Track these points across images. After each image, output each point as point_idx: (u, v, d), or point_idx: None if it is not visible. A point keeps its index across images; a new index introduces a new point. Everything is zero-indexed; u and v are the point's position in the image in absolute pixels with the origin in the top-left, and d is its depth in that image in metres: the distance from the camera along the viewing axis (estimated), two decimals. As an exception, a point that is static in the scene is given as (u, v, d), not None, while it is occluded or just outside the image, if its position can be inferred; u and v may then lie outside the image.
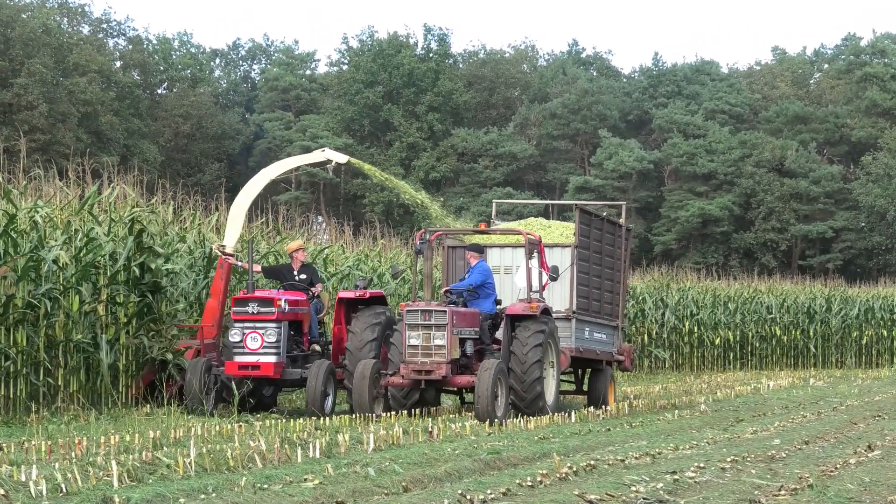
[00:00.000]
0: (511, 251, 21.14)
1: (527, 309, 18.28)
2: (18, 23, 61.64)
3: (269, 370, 18.31)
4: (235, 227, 19.89)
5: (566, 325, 20.33)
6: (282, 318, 18.50)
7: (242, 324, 18.44)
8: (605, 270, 22.00)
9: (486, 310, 18.88)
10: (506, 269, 21.18)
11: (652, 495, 10.06)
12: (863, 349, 43.44)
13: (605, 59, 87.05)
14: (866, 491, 10.64)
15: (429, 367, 17.73)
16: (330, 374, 18.36)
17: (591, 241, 21.35)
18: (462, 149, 74.37)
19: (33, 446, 12.21)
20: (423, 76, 75.41)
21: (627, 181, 73.81)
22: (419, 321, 17.72)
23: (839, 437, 15.79)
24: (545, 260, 19.17)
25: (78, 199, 20.36)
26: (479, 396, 17.14)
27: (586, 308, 21.11)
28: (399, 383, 18.06)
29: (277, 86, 78.67)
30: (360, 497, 9.85)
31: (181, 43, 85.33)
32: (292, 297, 19.00)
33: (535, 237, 19.19)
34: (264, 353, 18.36)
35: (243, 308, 18.49)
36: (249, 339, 18.33)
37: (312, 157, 21.07)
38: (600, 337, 21.73)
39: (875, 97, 75.32)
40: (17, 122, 56.95)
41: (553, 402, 18.84)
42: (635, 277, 41.89)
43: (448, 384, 18.16)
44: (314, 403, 17.83)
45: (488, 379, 17.11)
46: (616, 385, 22.60)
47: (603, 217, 22.34)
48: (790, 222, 71.22)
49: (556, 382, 19.04)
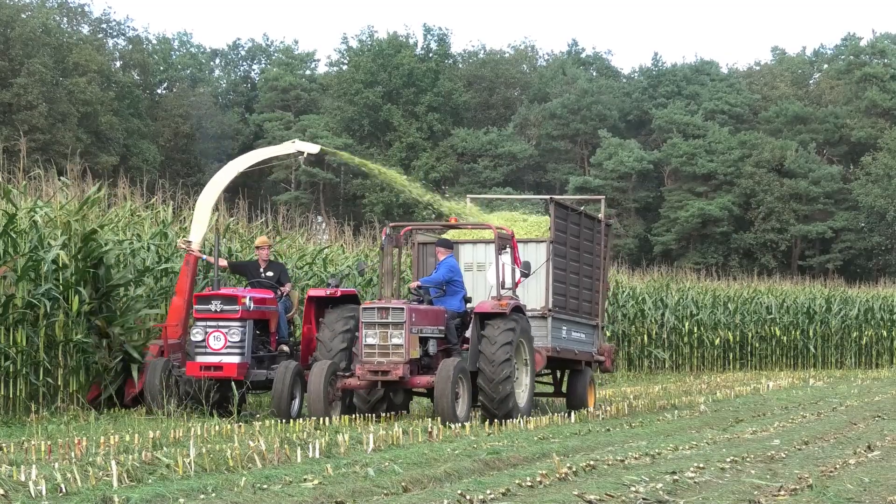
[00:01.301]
0: (484, 247, 20.22)
1: (496, 307, 17.50)
2: (18, 23, 61.64)
3: (231, 371, 17.52)
4: (202, 222, 19.05)
5: (542, 324, 19.57)
6: (246, 317, 17.73)
7: (205, 322, 17.68)
8: (584, 267, 21.18)
9: (454, 308, 18.16)
10: (479, 266, 20.29)
11: (651, 495, 10.06)
12: (862, 349, 43.42)
13: (605, 60, 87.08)
14: (866, 491, 10.64)
15: (385, 367, 16.94)
16: (297, 375, 17.51)
17: (568, 236, 20.52)
18: (462, 149, 74.39)
19: (33, 446, 12.21)
20: (423, 76, 75.42)
21: (627, 181, 73.83)
22: (376, 319, 16.96)
23: (839, 437, 15.79)
24: (518, 255, 18.43)
25: (78, 199, 20.31)
26: (438, 396, 16.61)
27: (563, 306, 20.28)
28: (354, 385, 17.34)
29: (277, 86, 78.68)
30: (360, 497, 9.85)
31: (181, 43, 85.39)
32: (258, 295, 18.25)
33: (506, 231, 18.48)
34: (227, 353, 17.57)
35: (205, 306, 17.74)
36: (212, 338, 17.60)
37: (282, 149, 20.13)
38: (579, 336, 20.91)
39: (875, 97, 75.33)
40: (17, 122, 56.96)
41: (526, 404, 18.09)
42: (635, 278, 41.90)
43: (406, 385, 17.39)
44: (279, 406, 17.05)
45: (448, 378, 16.52)
46: (595, 386, 21.86)
47: (580, 211, 21.47)
48: (790, 222, 71.23)
49: (529, 384, 18.27)
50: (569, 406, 20.43)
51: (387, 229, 18.08)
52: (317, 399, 16.82)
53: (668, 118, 76.06)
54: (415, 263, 20.73)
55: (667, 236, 72.73)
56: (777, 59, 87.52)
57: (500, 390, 17.16)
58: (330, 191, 74.97)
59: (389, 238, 17.97)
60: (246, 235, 25.04)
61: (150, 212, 23.11)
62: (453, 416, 16.45)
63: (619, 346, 36.15)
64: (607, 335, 34.46)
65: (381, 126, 75.14)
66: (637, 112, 79.82)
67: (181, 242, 19.27)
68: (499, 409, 17.17)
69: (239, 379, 17.61)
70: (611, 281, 37.65)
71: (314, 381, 16.93)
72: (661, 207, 74.23)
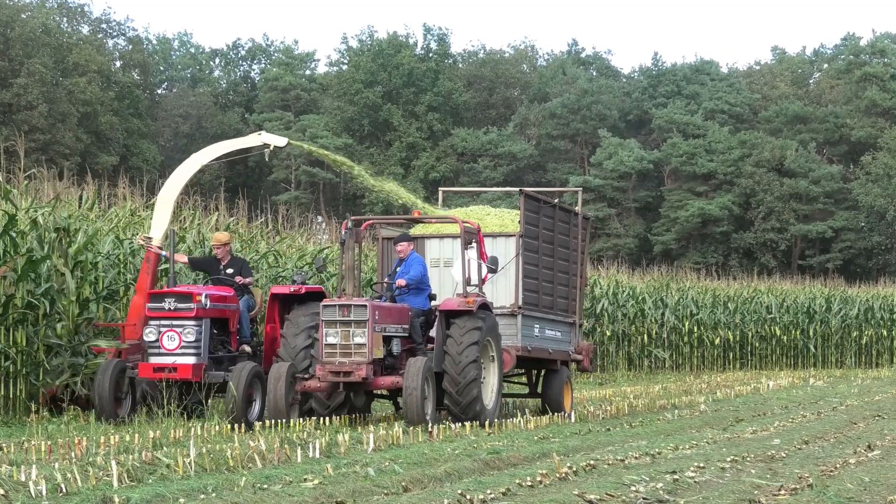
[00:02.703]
0: (451, 242, 19.13)
1: (462, 304, 16.69)
2: (18, 23, 61.65)
3: (186, 372, 16.50)
4: (163, 217, 18.11)
5: (511, 322, 18.59)
6: (202, 316, 16.74)
7: (158, 322, 16.69)
8: (559, 262, 20.13)
9: (418, 305, 17.31)
10: (446, 262, 19.27)
11: (652, 495, 10.06)
12: (862, 349, 43.43)
13: (605, 59, 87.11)
14: (866, 491, 10.64)
15: (347, 367, 16.03)
16: (255, 377, 16.51)
17: (540, 229, 19.47)
18: (462, 149, 74.39)
19: (33, 446, 12.21)
20: (423, 76, 75.43)
21: (627, 181, 73.83)
22: (337, 317, 16.06)
23: (839, 436, 15.78)
24: (484, 250, 17.56)
25: (78, 199, 20.30)
26: (406, 398, 15.79)
27: (535, 303, 19.24)
28: (315, 387, 16.47)
29: (277, 86, 78.68)
30: (360, 497, 9.84)
31: (181, 43, 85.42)
32: (216, 293, 17.30)
33: (472, 225, 17.60)
34: (182, 353, 16.58)
35: (159, 304, 16.75)
36: (165, 338, 16.62)
37: (248, 142, 19.09)
38: (553, 334, 19.89)
39: (874, 97, 75.34)
40: (16, 122, 56.96)
41: (494, 406, 17.24)
42: (635, 277, 41.91)
43: (370, 386, 16.50)
44: (235, 410, 15.94)
45: (416, 379, 15.74)
46: (572, 387, 20.81)
47: (554, 204, 20.19)
48: (790, 222, 71.24)
49: (497, 385, 17.38)
50: (544, 408, 19.71)
51: (347, 223, 17.05)
52: (277, 402, 15.94)
53: (668, 118, 76.07)
54: (380, 259, 19.79)
55: (667, 236, 72.74)
56: (777, 58, 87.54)
57: (467, 393, 16.40)
58: (330, 191, 74.97)
59: (350, 232, 16.91)
60: (246, 235, 25.04)
61: (150, 212, 23.09)
62: (422, 418, 15.66)
63: (619, 346, 36.15)
64: (586, 333, 34.50)
65: (381, 126, 75.14)
66: (637, 112, 79.83)
67: (141, 238, 18.37)
68: (465, 412, 16.43)
69: (195, 381, 16.70)
70: (610, 280, 37.87)
71: (273, 383, 16.04)
72: (661, 207, 74.24)
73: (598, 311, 35.34)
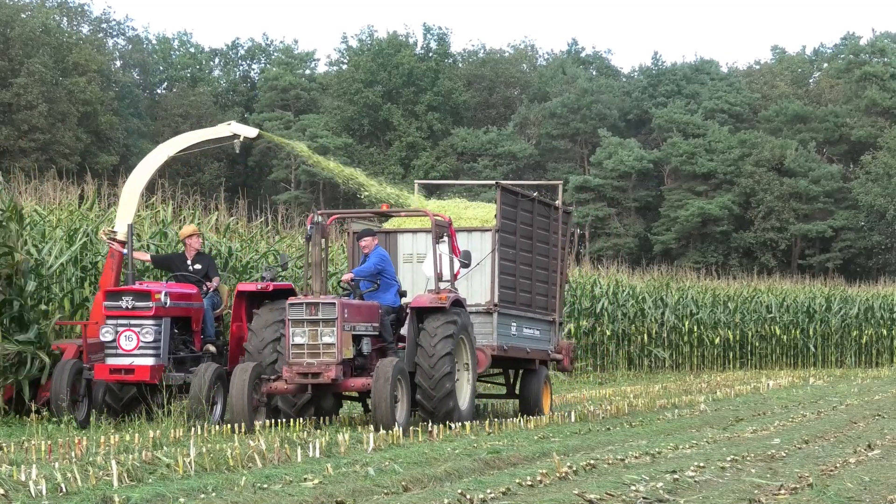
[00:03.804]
0: (425, 236, 18.25)
1: (435, 301, 16.05)
2: (18, 22, 61.64)
3: (144, 374, 15.87)
4: (128, 211, 17.46)
5: (487, 320, 17.92)
6: (162, 314, 16.12)
7: (115, 320, 16.04)
8: (538, 258, 19.38)
9: (388, 303, 16.61)
10: (419, 257, 18.51)
11: (652, 495, 10.05)
12: (862, 348, 43.43)
13: (605, 59, 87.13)
14: (866, 490, 10.63)
15: (316, 368, 15.33)
16: (218, 378, 15.86)
17: (518, 224, 18.73)
18: (462, 148, 74.38)
19: (33, 446, 12.21)
20: (423, 76, 75.42)
21: (627, 180, 73.84)
22: (304, 316, 15.33)
23: (839, 436, 15.78)
24: (457, 244, 16.85)
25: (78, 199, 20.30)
26: (376, 400, 15.06)
27: (512, 300, 18.53)
28: (282, 389, 15.75)
29: (277, 85, 78.67)
30: (360, 497, 9.84)
31: (181, 42, 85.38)
32: (177, 290, 16.64)
33: (444, 218, 16.92)
34: (140, 354, 15.95)
35: (116, 302, 16.08)
36: (123, 338, 15.96)
37: (217, 132, 18.43)
38: (531, 333, 19.18)
39: (874, 96, 75.33)
40: (16, 122, 56.98)
41: (468, 407, 16.68)
42: (635, 277, 41.90)
43: (339, 388, 15.83)
44: (197, 413, 15.30)
45: (387, 380, 15.02)
46: (551, 387, 20.18)
47: (532, 197, 19.40)
48: (790, 221, 71.24)
49: (471, 385, 16.76)
50: (522, 409, 18.98)
51: (313, 216, 16.18)
52: (239, 405, 15.23)
53: (667, 117, 76.06)
54: (350, 255, 19.02)
55: (667, 235, 72.74)
56: (777, 58, 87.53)
57: (441, 387, 15.82)
58: (330, 190, 74.90)
59: (316, 226, 16.02)
60: (246, 235, 25.03)
61: (150, 211, 23.11)
62: (392, 422, 14.93)
63: (619, 346, 36.15)
64: (586, 332, 34.46)
65: (381, 125, 75.13)
66: (637, 111, 79.83)
67: (104, 232, 17.61)
68: (438, 407, 15.88)
69: (153, 383, 16.05)
70: (610, 280, 37.87)
71: (236, 385, 15.32)
72: (661, 206, 74.24)
73: (598, 311, 35.35)
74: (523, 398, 19.26)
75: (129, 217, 17.37)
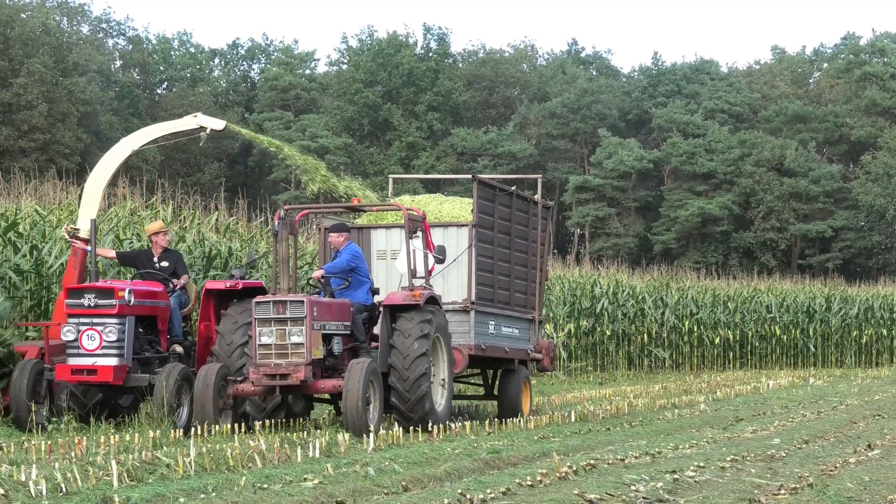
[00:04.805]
0: (399, 232, 17.60)
1: (408, 298, 15.46)
2: (18, 22, 61.62)
3: (107, 375, 15.23)
4: (91, 206, 16.85)
5: (464, 319, 17.32)
6: (126, 313, 15.46)
7: (77, 319, 15.39)
8: (516, 254, 18.79)
9: (360, 300, 16.02)
10: (393, 254, 17.93)
11: (652, 495, 10.06)
12: (862, 348, 43.40)
13: (605, 59, 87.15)
14: (866, 490, 10.63)
15: (284, 369, 14.72)
16: (184, 380, 15.27)
17: (496, 219, 18.14)
18: (462, 148, 74.37)
19: (33, 446, 12.21)
20: (423, 76, 75.42)
21: (627, 180, 73.84)
22: (272, 315, 14.75)
23: (839, 436, 15.78)
24: (431, 239, 16.28)
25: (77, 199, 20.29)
26: (347, 403, 14.44)
27: (490, 298, 17.93)
28: (249, 392, 15.12)
29: (277, 85, 78.68)
30: (360, 497, 9.84)
31: (181, 43, 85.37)
32: (142, 288, 16.00)
33: (417, 213, 16.30)
34: (103, 354, 15.31)
35: (77, 300, 15.44)
36: (85, 337, 15.33)
37: (182, 124, 17.81)
38: (510, 332, 18.60)
39: (874, 96, 75.33)
40: (16, 122, 56.96)
41: (444, 409, 16.04)
42: (635, 277, 41.90)
43: (309, 390, 15.21)
44: (161, 416, 14.73)
45: (358, 381, 14.41)
46: (531, 388, 19.53)
47: (511, 192, 18.72)
48: (790, 221, 71.24)
49: (448, 387, 16.18)
50: (500, 411, 18.32)
51: (280, 212, 15.64)
52: (205, 407, 14.67)
53: (667, 117, 76.06)
54: (321, 251, 18.42)
55: (667, 235, 72.74)
56: (777, 58, 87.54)
57: (414, 390, 15.21)
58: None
59: (284, 222, 15.49)
60: (246, 235, 25.03)
61: (150, 211, 23.12)
62: (364, 425, 14.34)
63: (619, 346, 36.15)
64: (586, 332, 34.43)
65: (381, 125, 75.13)
66: (637, 111, 79.84)
67: (67, 230, 17.04)
68: (414, 410, 15.27)
69: (116, 384, 15.47)
70: (610, 280, 37.85)
71: (201, 387, 14.76)
72: (661, 206, 74.24)
73: (598, 311, 35.34)
74: (502, 399, 18.57)
75: (92, 213, 16.77)
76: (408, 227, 15.98)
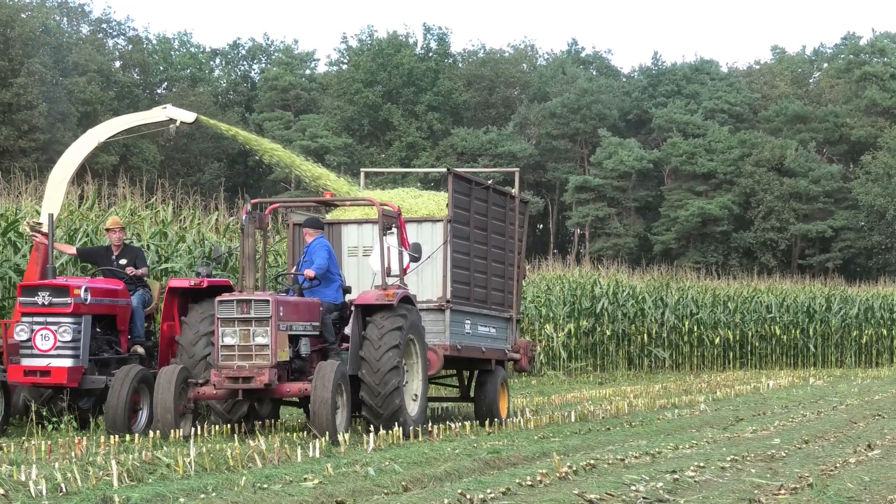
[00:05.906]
0: (371, 228, 16.87)
1: (381, 298, 14.67)
2: (18, 22, 61.59)
3: (61, 376, 14.63)
4: (54, 201, 16.34)
5: (439, 318, 16.64)
6: (82, 312, 14.89)
7: (31, 318, 14.82)
8: (493, 251, 18.05)
9: (330, 299, 15.36)
10: (366, 251, 17.23)
11: (652, 495, 10.06)
12: (862, 348, 43.43)
13: (605, 59, 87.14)
14: (866, 490, 10.63)
15: (248, 372, 13.96)
16: (142, 382, 14.61)
17: (472, 214, 17.41)
18: (462, 148, 74.36)
19: (33, 446, 12.21)
20: (423, 76, 75.42)
21: (627, 180, 73.84)
22: (235, 315, 13.99)
23: (839, 436, 15.78)
24: (406, 236, 15.58)
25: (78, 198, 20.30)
26: (315, 408, 13.75)
27: (466, 296, 17.22)
28: (210, 395, 14.32)
29: (277, 85, 78.68)
30: (360, 497, 9.84)
31: (181, 43, 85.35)
32: (100, 286, 15.43)
33: (392, 208, 15.55)
34: (57, 355, 14.74)
35: (31, 298, 14.84)
36: (39, 337, 14.77)
37: (151, 116, 17.22)
38: (487, 331, 17.92)
39: (874, 96, 75.33)
40: (16, 122, 56.96)
41: (419, 413, 15.38)
42: (635, 277, 41.90)
43: (274, 394, 14.44)
44: (115, 420, 14.07)
45: (326, 386, 13.73)
46: (509, 389, 18.87)
47: (487, 185, 17.93)
48: (790, 221, 71.24)
49: (422, 390, 15.48)
50: (477, 413, 17.66)
51: (247, 206, 14.91)
52: (165, 411, 13.84)
53: (667, 117, 76.07)
54: (290, 247, 17.69)
55: (667, 235, 72.74)
56: (777, 58, 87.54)
57: (387, 405, 14.49)
58: (330, 190, 75.00)
59: (251, 217, 14.70)
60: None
61: (150, 211, 23.12)
62: (333, 430, 13.69)
63: (619, 346, 36.15)
64: (586, 332, 34.43)
65: (381, 125, 75.13)
66: (637, 111, 79.84)
67: (28, 224, 16.56)
68: (384, 406, 14.50)
69: (71, 386, 14.86)
70: (610, 280, 37.86)
71: (161, 389, 13.91)
72: (661, 206, 74.24)
73: (598, 311, 35.36)
74: (478, 401, 17.84)
75: (55, 207, 16.31)
76: (382, 222, 15.20)
